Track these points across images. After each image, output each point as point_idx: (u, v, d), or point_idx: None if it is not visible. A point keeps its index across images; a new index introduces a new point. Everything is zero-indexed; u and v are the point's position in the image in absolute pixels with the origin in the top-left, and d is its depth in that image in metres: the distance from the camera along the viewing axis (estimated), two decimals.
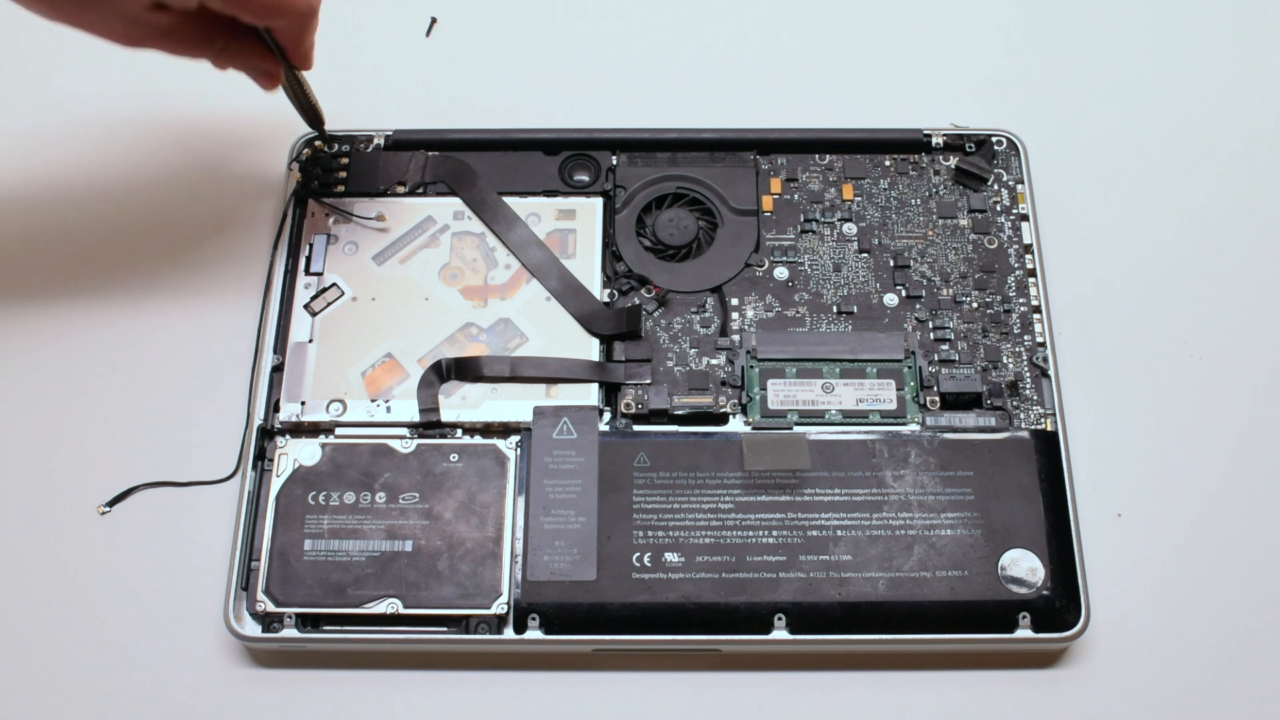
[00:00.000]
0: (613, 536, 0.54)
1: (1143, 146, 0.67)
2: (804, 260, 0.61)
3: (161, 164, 0.65)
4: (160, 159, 0.65)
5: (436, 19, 0.71)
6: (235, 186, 0.64)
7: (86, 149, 0.66)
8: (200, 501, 0.57)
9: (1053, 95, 0.68)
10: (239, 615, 0.53)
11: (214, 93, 0.67)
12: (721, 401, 0.57)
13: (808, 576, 0.53)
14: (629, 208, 0.62)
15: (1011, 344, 0.59)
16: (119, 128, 0.66)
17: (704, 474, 0.55)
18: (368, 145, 0.63)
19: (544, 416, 0.56)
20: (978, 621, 0.53)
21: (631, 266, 0.60)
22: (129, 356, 0.60)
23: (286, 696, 0.54)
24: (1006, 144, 0.63)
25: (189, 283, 0.62)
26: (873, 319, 0.59)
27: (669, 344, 0.59)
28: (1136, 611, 0.55)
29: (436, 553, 0.54)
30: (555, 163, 0.63)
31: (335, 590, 0.53)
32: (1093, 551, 0.55)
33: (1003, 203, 0.62)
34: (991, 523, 0.54)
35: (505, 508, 0.55)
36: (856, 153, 0.63)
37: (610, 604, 0.53)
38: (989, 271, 0.60)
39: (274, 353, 0.58)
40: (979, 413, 0.57)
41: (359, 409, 0.57)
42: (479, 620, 0.53)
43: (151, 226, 0.64)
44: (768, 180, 0.63)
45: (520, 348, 0.58)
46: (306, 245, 0.61)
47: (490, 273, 0.60)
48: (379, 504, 0.55)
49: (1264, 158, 0.66)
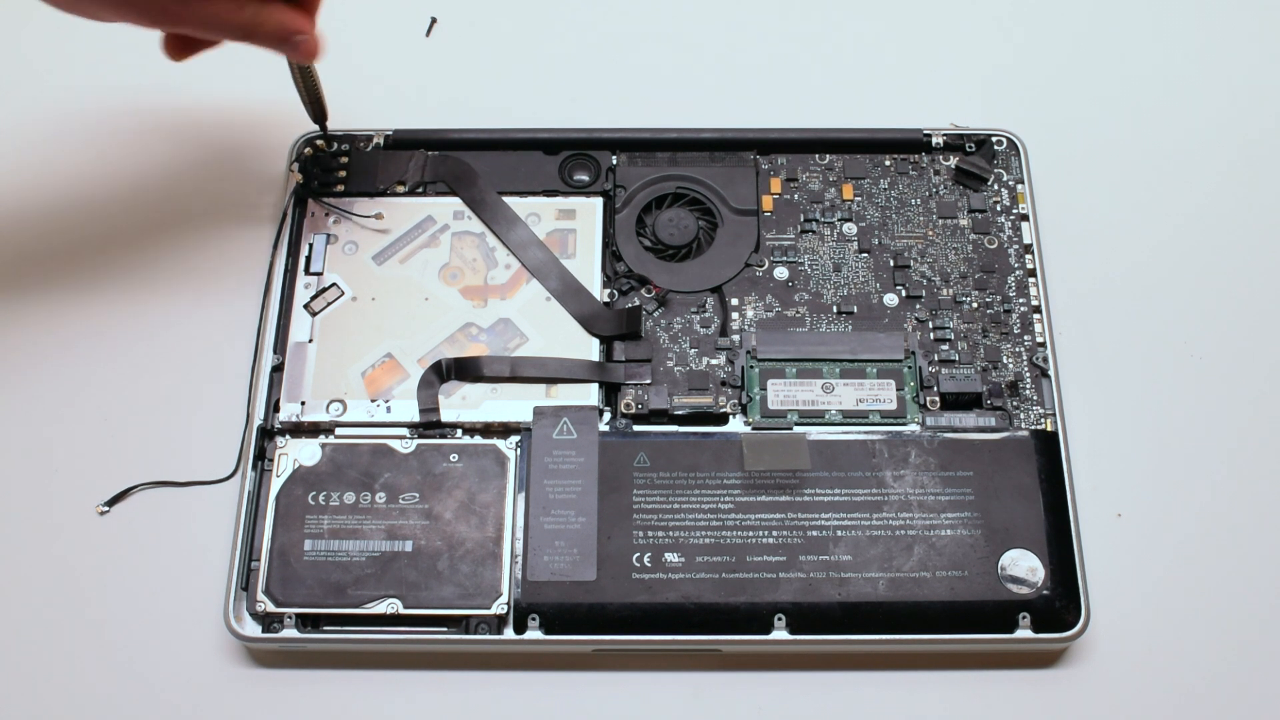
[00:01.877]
0: (613, 536, 0.54)
1: (1143, 146, 0.67)
2: (804, 260, 0.61)
3: (161, 163, 0.65)
4: (160, 158, 0.65)
5: (436, 19, 0.71)
6: (235, 186, 0.64)
7: (87, 148, 0.66)
8: (200, 502, 0.57)
9: (1053, 95, 0.68)
10: (239, 615, 0.53)
11: (214, 92, 0.67)
12: (721, 401, 0.57)
13: (808, 577, 0.53)
14: (629, 208, 0.62)
15: (1011, 344, 0.59)
16: (119, 127, 0.66)
17: (704, 474, 0.55)
18: (367, 145, 0.63)
19: (544, 416, 0.56)
20: (978, 621, 0.53)
21: (631, 266, 0.60)
22: (129, 356, 0.60)
23: (286, 696, 0.54)
24: (1006, 144, 0.63)
25: (189, 282, 0.62)
26: (873, 319, 0.59)
27: (669, 344, 0.59)
28: (1136, 611, 0.55)
29: (436, 553, 0.54)
30: (555, 162, 0.63)
31: (335, 590, 0.53)
32: (1093, 551, 0.55)
33: (1003, 203, 0.62)
34: (991, 523, 0.54)
35: (505, 508, 0.55)
36: (856, 153, 0.63)
37: (610, 604, 0.53)
38: (989, 271, 0.60)
39: (274, 353, 0.58)
40: (979, 413, 0.57)
41: (359, 409, 0.57)
42: (479, 620, 0.53)
43: (151, 226, 0.64)
44: (768, 180, 0.63)
45: (520, 348, 0.58)
46: (306, 245, 0.61)
47: (490, 273, 0.60)
48: (379, 504, 0.55)
49: (1264, 158, 0.66)
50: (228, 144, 0.66)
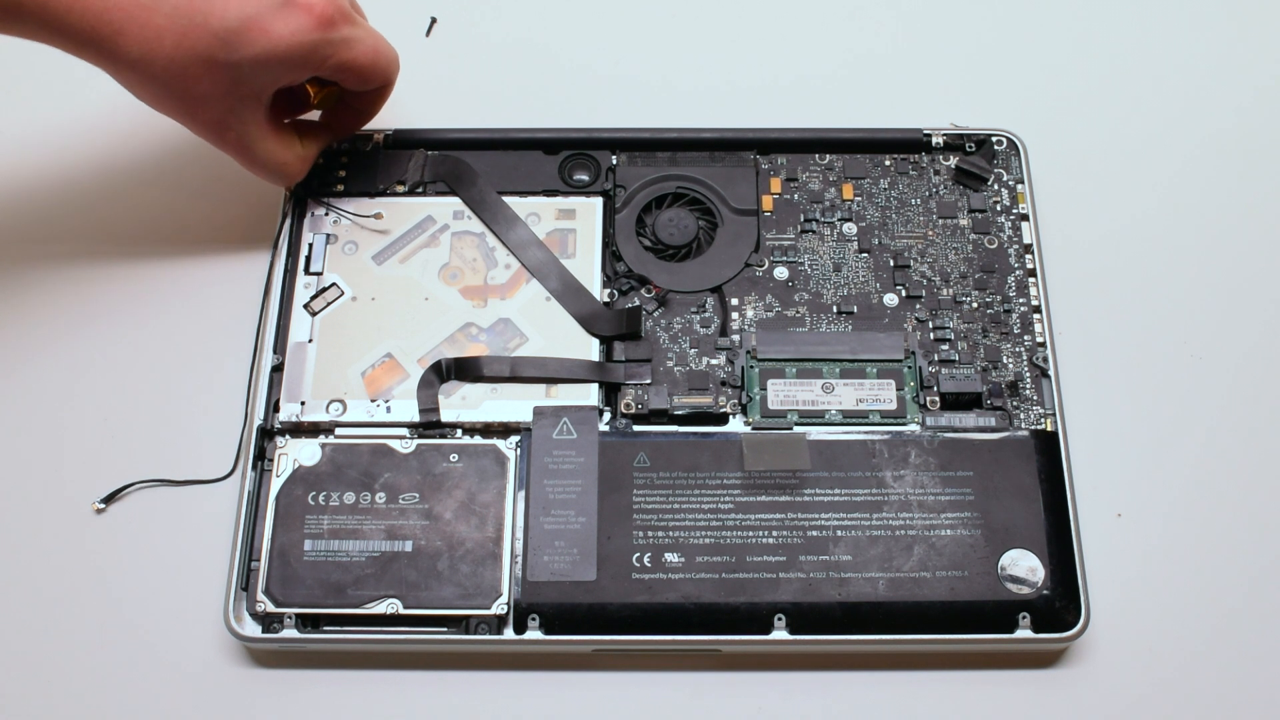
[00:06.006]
0: (613, 536, 0.54)
1: (1143, 146, 0.67)
2: (804, 260, 0.61)
3: (161, 163, 0.65)
4: (160, 158, 0.65)
5: (436, 19, 0.71)
6: (235, 186, 0.64)
7: (87, 148, 0.66)
8: (200, 502, 0.57)
9: (1053, 95, 0.68)
10: (239, 615, 0.53)
11: None
12: (721, 401, 0.57)
13: (808, 577, 0.53)
14: (629, 207, 0.62)
15: (1011, 344, 0.59)
16: (120, 128, 0.66)
17: (704, 474, 0.55)
18: (367, 145, 0.63)
19: (544, 416, 0.56)
20: (978, 621, 0.53)
21: (631, 266, 0.60)
22: (128, 356, 0.60)
23: (286, 696, 0.54)
24: (1006, 144, 0.63)
25: (189, 282, 0.62)
26: (873, 319, 0.59)
27: (669, 344, 0.59)
28: (1136, 611, 0.55)
29: (436, 553, 0.54)
30: (555, 162, 0.63)
31: (335, 590, 0.53)
32: (1093, 551, 0.55)
33: (1003, 203, 0.62)
34: (991, 523, 0.54)
35: (505, 508, 0.55)
36: (856, 153, 0.63)
37: (610, 604, 0.53)
38: (989, 271, 0.60)
39: (274, 352, 0.58)
40: (979, 413, 0.57)
41: (359, 409, 0.57)
42: (479, 620, 0.53)
43: (151, 225, 0.64)
44: (768, 180, 0.63)
45: (520, 348, 0.58)
46: (306, 245, 0.61)
47: (490, 273, 0.60)
48: (379, 504, 0.55)
49: (1265, 157, 0.66)
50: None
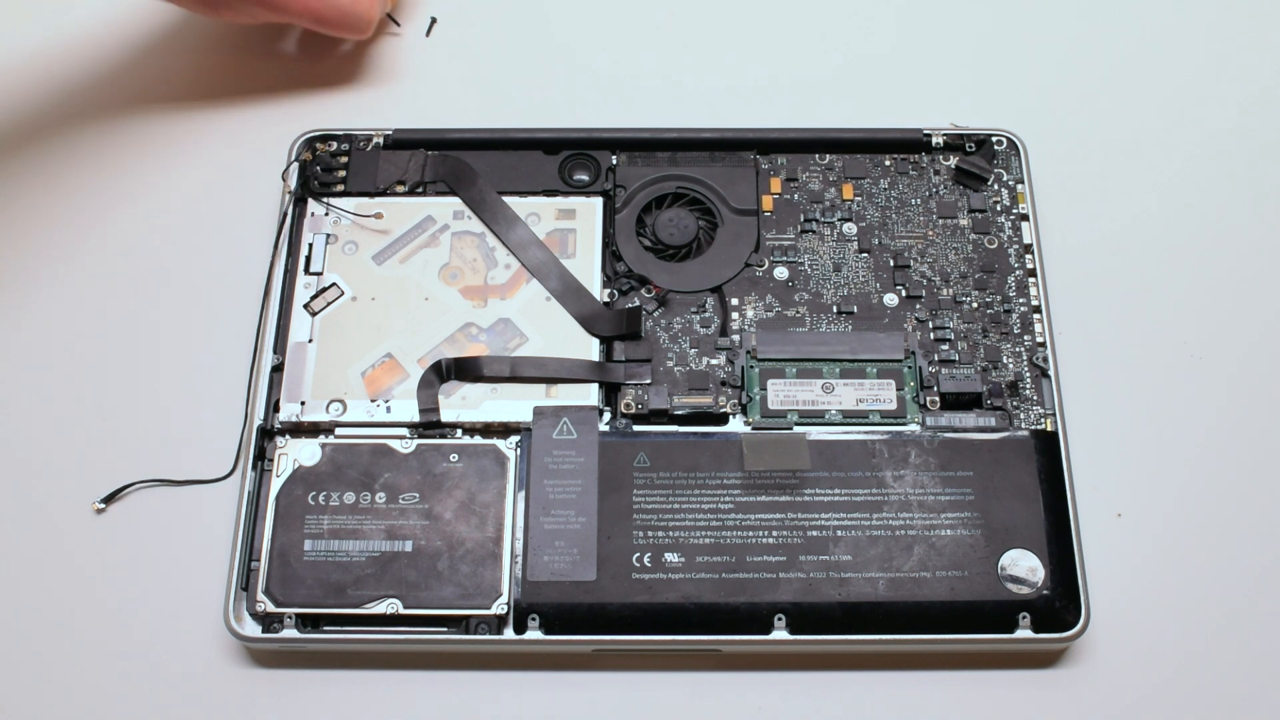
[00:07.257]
0: (613, 536, 0.54)
1: (1143, 146, 0.67)
2: (804, 260, 0.61)
3: (162, 163, 0.65)
4: (160, 158, 0.65)
5: (436, 19, 0.71)
6: (235, 186, 0.64)
7: (87, 148, 0.66)
8: (200, 502, 0.57)
9: (1053, 95, 0.68)
10: (239, 615, 0.53)
11: (214, 92, 0.67)
12: (721, 401, 0.57)
13: (808, 577, 0.53)
14: (629, 207, 0.62)
15: (1011, 344, 0.59)
16: (120, 128, 0.66)
17: (704, 474, 0.55)
18: (367, 144, 0.63)
19: (544, 416, 0.56)
20: (978, 621, 0.53)
21: (631, 266, 0.60)
22: (128, 356, 0.60)
23: (286, 696, 0.54)
24: (1006, 144, 0.63)
25: (189, 282, 0.62)
26: (873, 319, 0.59)
27: (669, 344, 0.59)
28: (1136, 611, 0.55)
29: (436, 553, 0.54)
30: (555, 162, 0.63)
31: (335, 590, 0.53)
32: (1093, 551, 0.55)
33: (1003, 203, 0.62)
34: (991, 523, 0.54)
35: (505, 508, 0.55)
36: (856, 153, 0.63)
37: (610, 604, 0.53)
38: (989, 271, 0.60)
39: (274, 352, 0.58)
40: (979, 413, 0.57)
41: (359, 409, 0.57)
42: (479, 620, 0.53)
43: (151, 225, 0.64)
44: (768, 180, 0.63)
45: (520, 348, 0.58)
46: (306, 245, 0.60)
47: (490, 273, 0.60)
48: (379, 504, 0.55)
49: (1264, 158, 0.66)
50: (228, 144, 0.66)
